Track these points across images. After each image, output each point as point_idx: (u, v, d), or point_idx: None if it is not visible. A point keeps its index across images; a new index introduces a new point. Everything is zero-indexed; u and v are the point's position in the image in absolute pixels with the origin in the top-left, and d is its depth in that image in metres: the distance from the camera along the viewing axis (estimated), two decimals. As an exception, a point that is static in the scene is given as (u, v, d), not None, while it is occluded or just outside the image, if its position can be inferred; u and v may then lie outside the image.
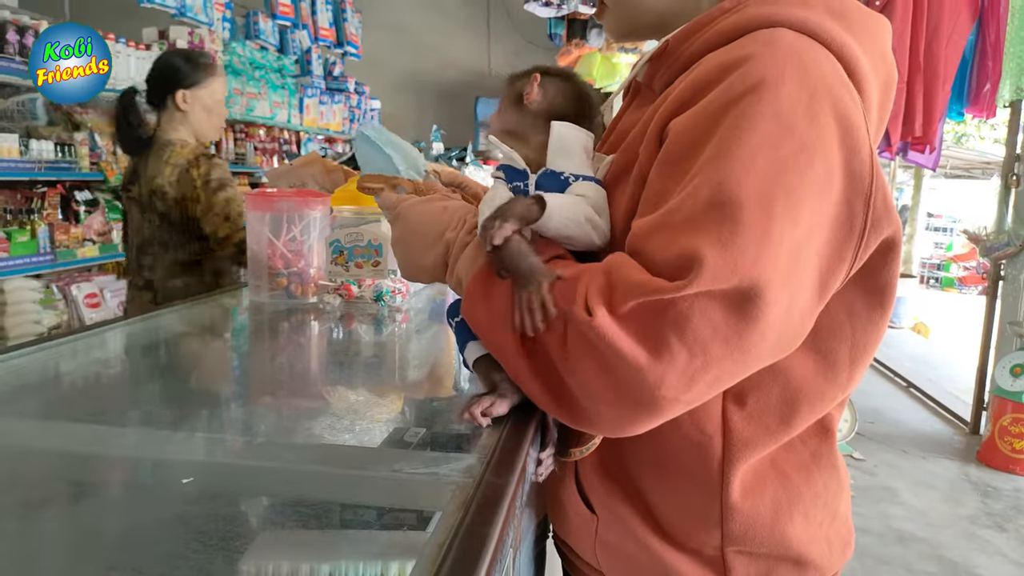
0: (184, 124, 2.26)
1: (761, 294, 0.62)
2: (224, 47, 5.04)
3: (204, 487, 0.64)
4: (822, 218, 0.66)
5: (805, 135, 0.65)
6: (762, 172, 0.64)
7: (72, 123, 3.88)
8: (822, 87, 0.68)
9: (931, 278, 13.40)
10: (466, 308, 0.78)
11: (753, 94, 0.66)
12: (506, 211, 0.73)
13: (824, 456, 0.83)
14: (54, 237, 3.58)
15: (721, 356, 0.63)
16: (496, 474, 0.64)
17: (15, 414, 0.84)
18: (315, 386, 1.12)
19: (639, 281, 0.64)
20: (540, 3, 3.86)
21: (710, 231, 0.62)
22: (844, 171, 0.67)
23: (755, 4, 0.75)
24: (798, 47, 0.70)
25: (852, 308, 0.76)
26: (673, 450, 0.78)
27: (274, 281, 1.51)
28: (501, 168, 0.88)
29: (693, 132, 0.68)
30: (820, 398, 0.77)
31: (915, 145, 3.78)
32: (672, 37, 0.80)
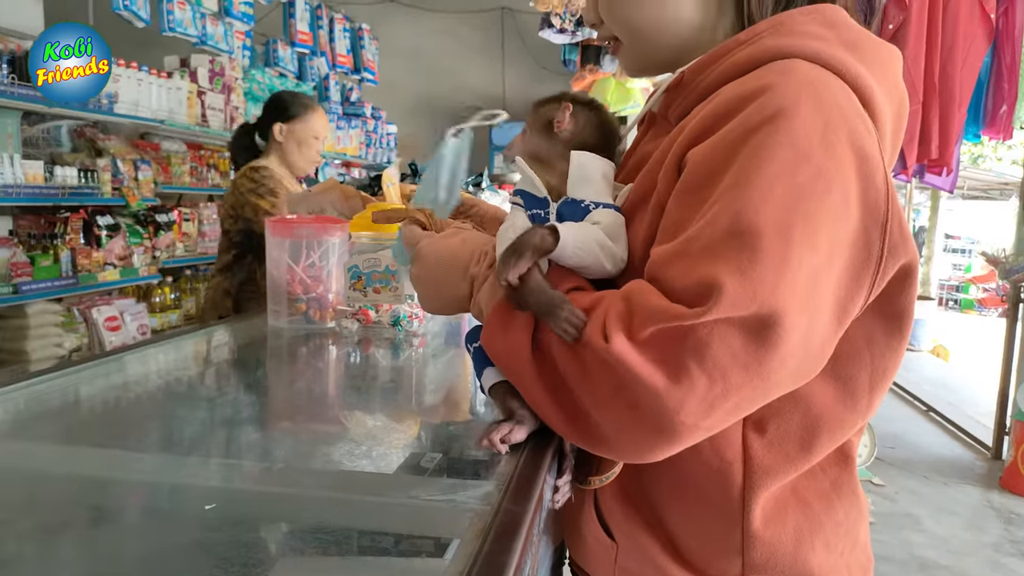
0: (277, 154, 2.48)
1: (780, 321, 0.62)
2: (244, 74, 5.14)
3: (225, 513, 0.65)
4: (840, 245, 0.67)
5: (822, 163, 0.66)
6: (780, 200, 0.64)
7: (95, 149, 3.96)
8: (837, 116, 0.69)
9: (950, 300, 13.27)
10: (486, 339, 0.79)
11: (771, 124, 0.67)
12: (521, 246, 0.74)
13: (844, 484, 0.83)
14: (76, 261, 3.64)
15: (741, 383, 0.63)
16: (514, 502, 0.65)
17: (38, 438, 0.85)
18: (333, 411, 1.13)
19: (658, 307, 0.65)
20: (554, 30, 3.91)
21: (729, 259, 0.63)
22: (860, 199, 0.68)
23: (770, 36, 0.76)
24: (813, 77, 0.71)
25: (871, 335, 0.76)
26: (693, 477, 0.78)
27: (293, 306, 1.53)
28: (518, 193, 0.88)
29: (711, 162, 0.69)
30: (840, 425, 0.78)
31: (932, 167, 3.76)
32: (688, 68, 0.81)
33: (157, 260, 4.22)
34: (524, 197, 0.87)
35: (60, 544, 0.62)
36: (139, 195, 3.96)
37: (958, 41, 3.50)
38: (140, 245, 4.08)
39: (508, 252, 0.74)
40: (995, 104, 3.82)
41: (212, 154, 4.93)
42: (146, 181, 4.06)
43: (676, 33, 0.86)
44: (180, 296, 4.60)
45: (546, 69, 7.90)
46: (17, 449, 0.84)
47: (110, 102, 3.81)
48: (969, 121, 3.83)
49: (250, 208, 2.31)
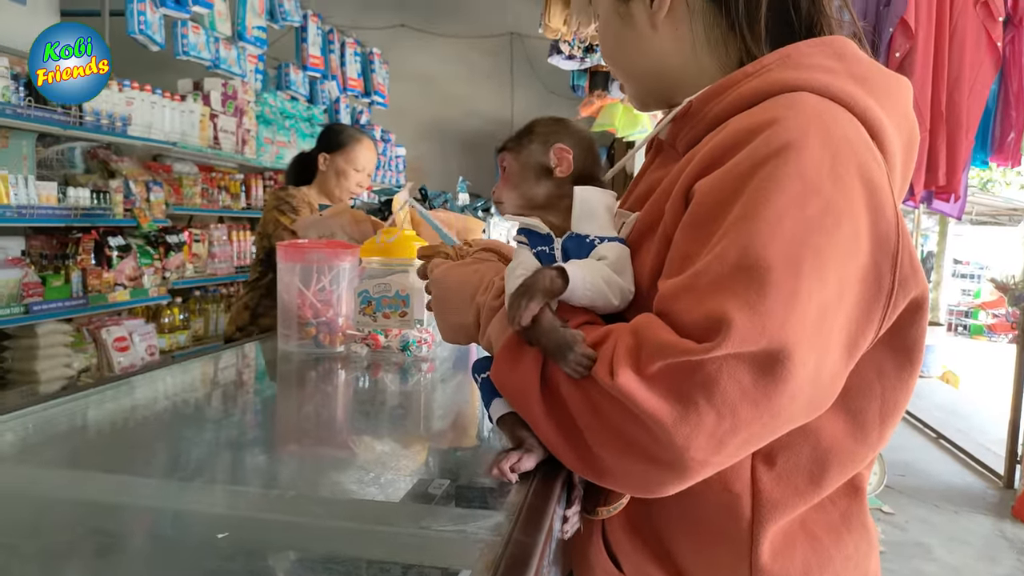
0: (319, 182, 2.59)
1: (789, 356, 0.62)
2: (256, 97, 5.20)
3: (238, 542, 0.65)
4: (850, 279, 0.67)
5: (831, 196, 0.66)
6: (789, 233, 0.64)
7: (108, 171, 4.00)
8: (846, 149, 0.69)
9: (959, 325, 13.18)
10: (495, 373, 0.79)
11: (779, 157, 0.67)
12: (531, 288, 0.74)
13: (854, 516, 0.82)
14: (87, 282, 3.67)
15: (750, 418, 0.63)
16: (524, 532, 0.65)
17: (47, 463, 0.86)
18: (343, 436, 1.13)
19: (667, 342, 0.65)
20: (563, 56, 3.95)
21: (738, 293, 0.63)
22: (870, 232, 0.68)
23: (777, 69, 0.76)
24: (821, 110, 0.71)
25: (881, 368, 0.75)
26: (701, 509, 0.78)
27: (303, 330, 1.54)
28: (523, 232, 0.88)
29: (719, 194, 0.69)
30: (851, 458, 0.77)
31: (939, 194, 3.77)
32: (695, 99, 0.81)
33: (167, 281, 4.24)
34: (528, 235, 0.87)
35: (70, 572, 0.63)
36: (150, 216, 3.99)
37: (965, 69, 3.52)
38: (150, 266, 4.11)
39: (518, 294, 0.75)
40: (1003, 131, 3.83)
41: (223, 176, 4.98)
42: (157, 202, 4.10)
43: (667, 75, 0.87)
44: (189, 317, 4.62)
45: (554, 93, 7.96)
46: (30, 474, 0.84)
47: (124, 124, 3.86)
48: (977, 148, 3.83)
49: (272, 224, 2.39)
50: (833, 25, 0.83)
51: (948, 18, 3.47)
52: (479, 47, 8.24)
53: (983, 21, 3.40)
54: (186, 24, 4.42)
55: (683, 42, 0.85)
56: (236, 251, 4.98)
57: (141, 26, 4.06)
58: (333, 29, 6.48)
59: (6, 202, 3.19)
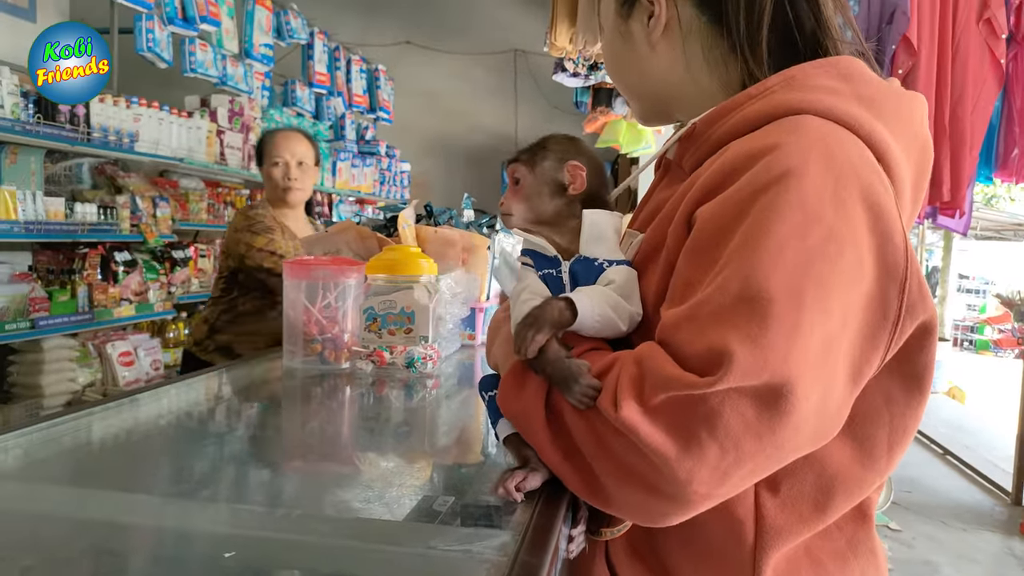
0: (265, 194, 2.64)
1: (792, 390, 0.61)
2: (263, 114, 5.23)
3: (243, 560, 0.65)
4: (854, 307, 0.66)
5: (833, 224, 0.65)
6: (791, 264, 0.64)
7: (115, 186, 4.03)
8: (849, 173, 0.68)
9: (965, 340, 13.13)
10: (501, 400, 0.80)
11: (779, 184, 0.66)
12: (539, 320, 0.74)
13: (861, 542, 0.80)
14: (92, 297, 3.68)
15: (754, 451, 0.63)
16: (530, 553, 0.65)
17: (51, 480, 0.86)
18: (348, 452, 1.14)
19: (670, 375, 0.64)
20: (568, 74, 3.97)
21: (739, 326, 0.62)
22: (876, 258, 0.67)
23: (781, 90, 0.75)
24: (824, 133, 0.70)
25: (890, 394, 0.74)
26: (704, 534, 0.77)
27: (308, 347, 1.54)
28: (527, 253, 0.88)
29: (720, 220, 0.69)
30: (858, 484, 0.75)
31: (944, 210, 3.77)
32: (700, 120, 0.81)
33: (172, 296, 4.26)
34: (533, 257, 0.86)
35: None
36: (157, 231, 4.01)
37: (968, 86, 3.53)
38: (156, 281, 4.12)
39: (526, 324, 0.74)
40: (1007, 147, 3.83)
41: (230, 191, 5.00)
42: (164, 218, 4.12)
43: (666, 94, 0.88)
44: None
45: (558, 109, 8.00)
46: (35, 491, 0.85)
47: (131, 140, 3.89)
48: (981, 164, 3.84)
49: (243, 246, 2.38)
50: (838, 45, 0.82)
51: (951, 35, 3.49)
52: (483, 64, 8.29)
53: (986, 38, 3.42)
54: (194, 42, 4.47)
55: (678, 63, 0.85)
56: (241, 266, 4.99)
57: (149, 43, 4.10)
58: (339, 46, 6.53)
59: (14, 218, 3.21)
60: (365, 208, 6.92)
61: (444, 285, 1.62)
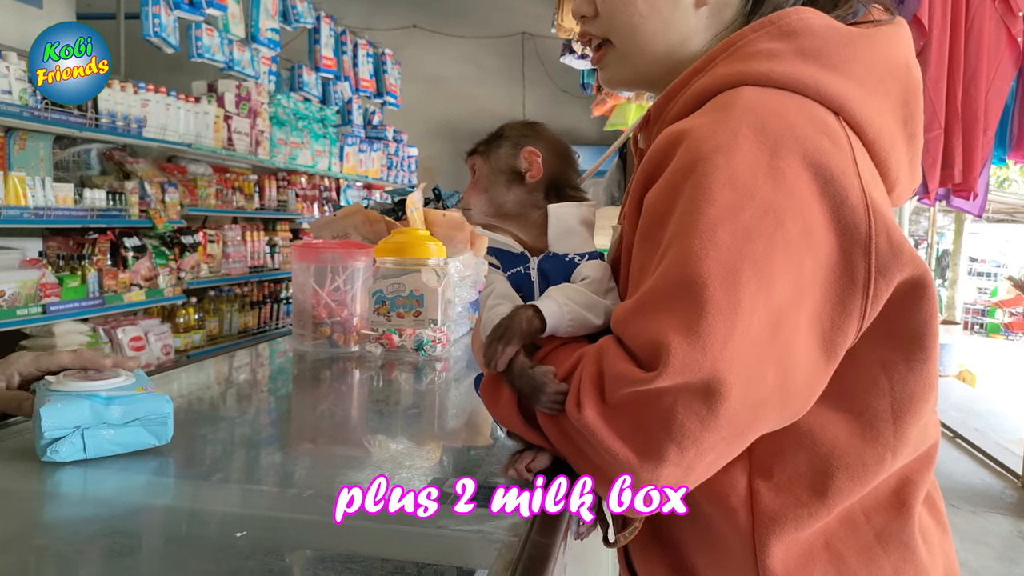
0: None
1: (735, 379, 0.60)
2: (270, 99, 5.22)
3: (254, 540, 0.65)
4: (808, 278, 0.63)
5: (769, 198, 0.63)
6: (724, 245, 0.61)
7: (124, 172, 4.04)
8: (788, 140, 0.64)
9: (975, 324, 13.06)
10: (486, 405, 0.82)
11: (707, 162, 0.64)
12: (508, 332, 0.74)
13: (894, 535, 0.73)
14: (103, 282, 3.70)
15: (714, 442, 0.62)
16: (541, 534, 0.65)
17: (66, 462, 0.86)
18: (358, 435, 1.14)
19: (620, 371, 0.64)
20: (575, 55, 3.95)
21: (676, 314, 0.61)
22: (832, 223, 0.64)
23: (722, 63, 0.72)
24: (756, 104, 0.66)
25: (887, 360, 0.70)
26: (705, 522, 0.75)
27: (317, 330, 1.55)
28: (492, 252, 0.85)
29: (658, 205, 0.67)
30: (860, 461, 0.70)
31: (958, 192, 3.73)
32: (654, 104, 0.79)
33: (182, 281, 4.28)
34: (499, 256, 0.84)
35: (88, 571, 0.63)
36: (166, 217, 4.02)
37: (982, 66, 3.48)
38: (165, 266, 4.14)
39: (494, 338, 0.74)
40: (1021, 129, 3.79)
41: (237, 177, 5.01)
42: (172, 203, 4.13)
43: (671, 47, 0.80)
44: (204, 317, 4.65)
45: (566, 92, 7.96)
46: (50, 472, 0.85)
47: (139, 126, 3.89)
48: (996, 144, 3.79)
49: None
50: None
51: (964, 14, 3.44)
52: (490, 47, 8.25)
53: (1002, 16, 3.37)
54: (200, 26, 4.46)
55: (709, 33, 0.79)
56: (250, 251, 5.01)
57: (156, 28, 4.10)
58: (346, 30, 6.50)
59: (24, 203, 3.22)
60: (372, 193, 6.92)
61: (452, 268, 1.62)
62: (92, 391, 0.83)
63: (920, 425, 0.72)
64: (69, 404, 0.81)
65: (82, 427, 0.80)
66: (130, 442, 0.84)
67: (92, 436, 0.81)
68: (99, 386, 0.84)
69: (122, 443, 0.83)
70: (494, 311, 0.79)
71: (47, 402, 0.80)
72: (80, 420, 0.81)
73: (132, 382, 0.88)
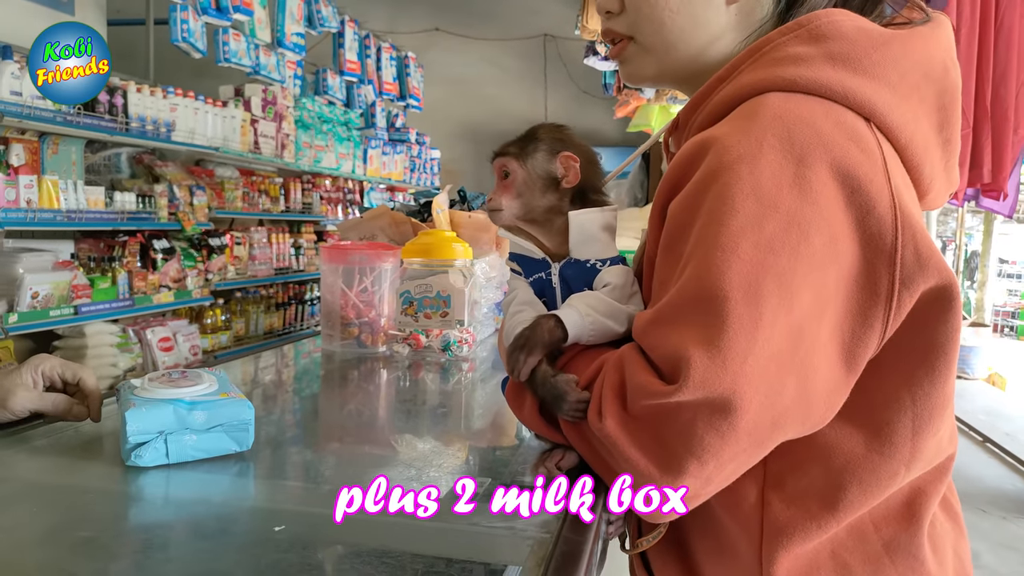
0: None
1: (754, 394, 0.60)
2: (295, 102, 5.28)
3: (292, 534, 0.67)
4: (831, 289, 0.63)
5: (793, 209, 0.61)
6: (747, 258, 0.61)
7: (153, 176, 4.10)
8: (815, 149, 0.63)
9: (1005, 326, 12.82)
10: (510, 406, 0.84)
11: (730, 173, 0.63)
12: (529, 343, 0.75)
13: (902, 546, 0.72)
14: (132, 284, 3.76)
15: (734, 454, 0.62)
16: (573, 531, 0.66)
17: (103, 459, 0.88)
18: (387, 434, 1.15)
19: (641, 383, 0.64)
20: (599, 57, 3.95)
21: (697, 327, 0.61)
22: (857, 233, 0.63)
23: (748, 69, 0.71)
24: (782, 112, 0.65)
25: (910, 374, 0.68)
26: (718, 529, 0.75)
27: (346, 331, 1.57)
28: (514, 258, 0.85)
29: (681, 216, 0.67)
30: (873, 475, 0.69)
31: (987, 192, 3.68)
32: (681, 111, 0.79)
33: (209, 283, 4.34)
34: (521, 262, 0.84)
35: (127, 564, 0.65)
36: (194, 219, 4.08)
37: (1012, 63, 3.43)
38: (193, 268, 4.20)
39: (516, 347, 0.75)
40: (1052, 127, 3.72)
41: (263, 180, 5.07)
42: (200, 206, 4.19)
43: (700, 45, 0.78)
44: (230, 318, 4.71)
45: (587, 93, 7.95)
46: (86, 469, 0.87)
47: (168, 130, 3.95)
48: (1026, 144, 3.73)
49: None
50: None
51: (994, 12, 3.39)
52: (512, 49, 8.26)
53: (1032, 14, 3.31)
54: (227, 31, 4.52)
55: (739, 32, 0.77)
56: (275, 253, 5.07)
57: (184, 34, 4.16)
58: (369, 34, 6.55)
59: (57, 206, 3.29)
60: (396, 195, 6.97)
61: (478, 269, 1.63)
62: (176, 396, 0.83)
63: (936, 439, 0.71)
64: (153, 409, 0.81)
65: (165, 432, 0.81)
66: (212, 447, 0.84)
67: (175, 441, 0.81)
68: (183, 392, 0.84)
69: (204, 448, 0.83)
70: (516, 318, 0.80)
71: (132, 407, 0.81)
72: (164, 425, 0.81)
73: (215, 387, 0.88)
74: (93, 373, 0.93)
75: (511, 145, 0.84)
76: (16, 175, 3.16)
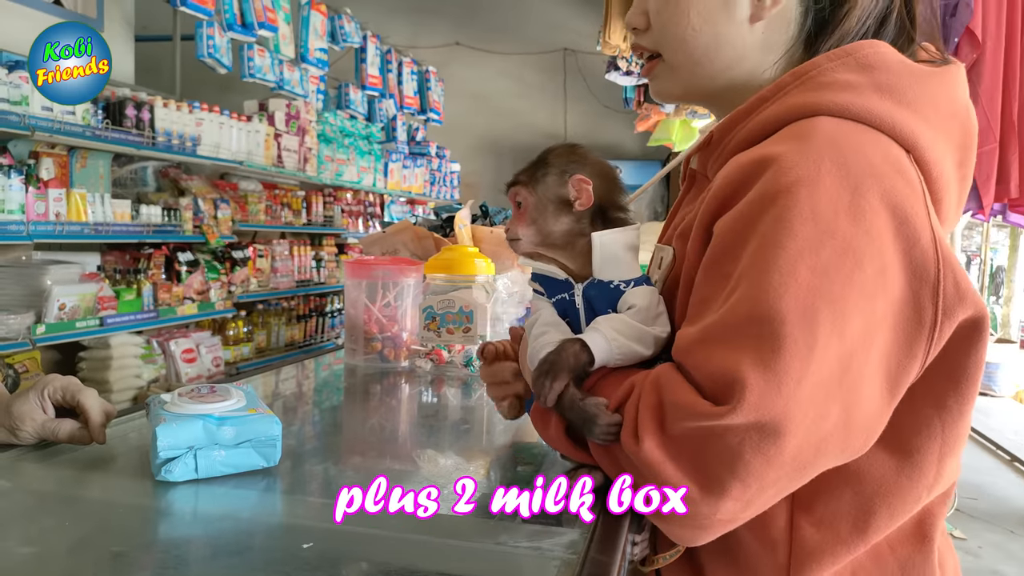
0: None
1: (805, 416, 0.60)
2: (317, 117, 5.34)
3: (320, 552, 0.67)
4: (879, 317, 0.63)
5: (849, 236, 0.62)
6: (804, 283, 0.61)
7: (178, 189, 4.16)
8: (868, 178, 0.64)
9: (1033, 343, 12.60)
10: (535, 427, 0.84)
11: (789, 195, 0.63)
12: (555, 368, 0.74)
13: (917, 567, 0.74)
14: (157, 295, 3.81)
15: (777, 478, 0.62)
16: (600, 551, 0.65)
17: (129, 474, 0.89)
18: (409, 449, 1.15)
19: (686, 403, 0.63)
20: (620, 72, 3.96)
21: (750, 349, 0.61)
22: (904, 264, 0.64)
23: (795, 91, 0.71)
24: (837, 137, 0.66)
25: (941, 402, 0.69)
26: (741, 551, 0.75)
27: (369, 345, 1.57)
28: (537, 279, 0.85)
29: (732, 235, 0.67)
30: (901, 500, 0.70)
31: (1015, 206, 3.64)
32: (716, 128, 0.78)
33: (232, 295, 4.38)
34: (544, 283, 0.84)
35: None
36: (218, 232, 4.13)
37: (1039, 77, 3.40)
38: (217, 280, 4.25)
39: (542, 372, 0.74)
40: (1080, 142, 3.67)
41: (286, 193, 5.12)
42: (224, 219, 4.24)
43: (725, 63, 0.78)
44: (252, 330, 4.75)
45: (608, 107, 7.97)
46: (111, 483, 0.88)
47: (193, 144, 4.01)
48: (1053, 159, 3.68)
49: None
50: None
51: (1020, 25, 3.36)
52: (533, 63, 8.31)
53: (1060, 28, 3.28)
54: (252, 47, 4.59)
55: (765, 52, 0.78)
56: (297, 266, 5.11)
57: (210, 50, 4.23)
58: (391, 49, 6.62)
59: (84, 219, 3.34)
60: (416, 208, 7.01)
61: (501, 285, 1.63)
62: (206, 412, 0.84)
63: (956, 463, 0.72)
64: (184, 425, 0.81)
65: (195, 447, 0.81)
66: (240, 463, 0.84)
67: (204, 457, 0.81)
68: (213, 407, 0.85)
69: (232, 464, 0.83)
70: (540, 340, 0.79)
71: (163, 422, 0.81)
72: (193, 440, 0.81)
73: (244, 403, 0.88)
74: (94, 394, 0.92)
75: (522, 173, 0.83)
76: (46, 188, 3.22)
